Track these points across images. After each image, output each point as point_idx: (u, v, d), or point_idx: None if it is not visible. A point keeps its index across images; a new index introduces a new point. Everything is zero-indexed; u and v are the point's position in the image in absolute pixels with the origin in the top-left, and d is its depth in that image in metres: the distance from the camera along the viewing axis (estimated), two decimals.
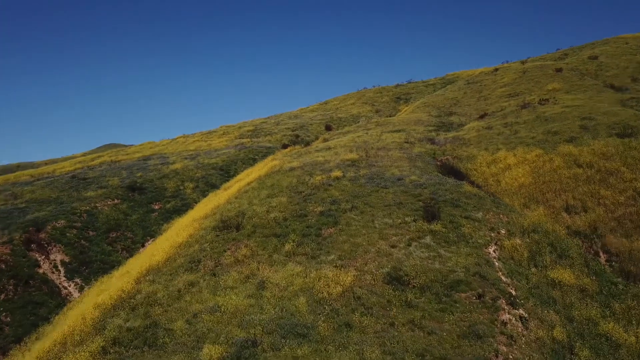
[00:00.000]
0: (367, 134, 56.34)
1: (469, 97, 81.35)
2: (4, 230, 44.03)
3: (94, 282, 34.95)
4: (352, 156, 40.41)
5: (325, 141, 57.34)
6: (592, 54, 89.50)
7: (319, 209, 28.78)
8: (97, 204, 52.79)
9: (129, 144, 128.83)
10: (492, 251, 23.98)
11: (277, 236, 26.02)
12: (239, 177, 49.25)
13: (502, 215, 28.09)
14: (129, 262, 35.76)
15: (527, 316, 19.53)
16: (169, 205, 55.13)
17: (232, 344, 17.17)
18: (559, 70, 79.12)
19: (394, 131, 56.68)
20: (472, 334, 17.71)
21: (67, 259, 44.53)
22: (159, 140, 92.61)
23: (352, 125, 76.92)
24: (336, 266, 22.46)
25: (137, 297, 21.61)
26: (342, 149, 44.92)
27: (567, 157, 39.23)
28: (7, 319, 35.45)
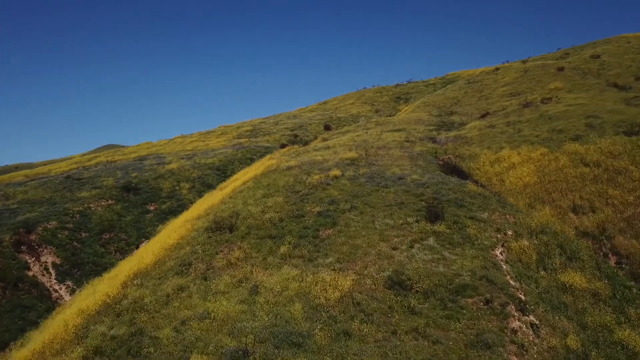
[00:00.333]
0: (366, 133, 55.25)
1: (470, 96, 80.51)
2: None
3: (85, 284, 33.84)
4: (351, 155, 39.19)
5: (324, 141, 56.21)
6: (594, 53, 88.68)
7: (317, 209, 27.52)
8: (91, 205, 51.69)
9: (128, 145, 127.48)
10: (499, 253, 22.70)
11: (272, 238, 24.72)
12: (235, 176, 48.03)
13: (508, 215, 26.81)
14: (120, 264, 34.53)
15: (538, 323, 18.24)
16: (164, 206, 54.03)
17: (221, 354, 15.94)
18: (560, 69, 78.34)
19: (394, 130, 55.57)
20: (481, 343, 16.43)
21: (58, 261, 43.44)
22: (157, 140, 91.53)
23: (351, 125, 75.82)
24: (334, 269, 21.18)
25: (123, 302, 20.35)
26: (341, 148, 43.71)
27: (573, 156, 38.12)
28: None
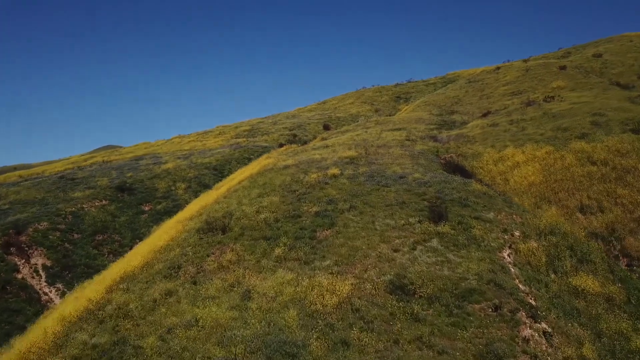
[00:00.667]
0: (366, 132, 54.07)
1: (471, 95, 79.41)
2: None
3: (77, 287, 32.61)
4: (350, 153, 37.95)
5: (323, 140, 55.01)
6: (597, 52, 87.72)
7: (314, 209, 26.26)
8: (84, 205, 50.44)
9: (127, 146, 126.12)
10: (506, 255, 21.44)
11: (266, 239, 23.45)
12: (231, 176, 46.79)
13: (515, 215, 25.55)
14: (111, 267, 33.32)
15: (550, 331, 16.97)
16: (159, 206, 52.74)
17: None
18: (562, 68, 77.31)
19: (394, 129, 54.39)
20: (491, 353, 15.16)
21: (48, 263, 42.20)
22: (155, 141, 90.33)
23: (351, 124, 74.59)
24: (332, 273, 19.92)
25: (107, 308, 19.09)
26: (340, 147, 42.49)
27: (580, 154, 36.95)
28: None
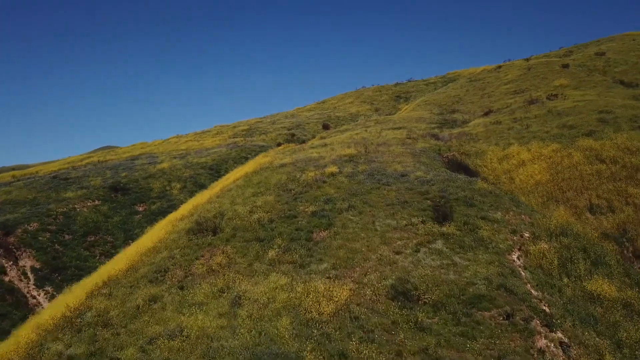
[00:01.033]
0: (366, 131, 52.72)
1: (472, 94, 78.21)
2: None
3: (66, 290, 31.25)
4: (349, 151, 36.53)
5: (322, 139, 53.63)
6: (599, 50, 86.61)
7: (311, 208, 24.85)
8: (76, 206, 49.07)
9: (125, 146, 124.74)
10: (516, 258, 20.03)
11: (260, 241, 22.02)
12: (227, 175, 45.43)
13: (523, 215, 24.13)
14: (100, 269, 31.94)
15: (567, 341, 15.54)
16: (154, 206, 51.36)
17: None
18: (565, 66, 76.17)
19: (394, 128, 53.05)
20: None
21: (37, 265, 40.84)
22: (152, 140, 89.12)
23: (350, 124, 73.25)
24: (329, 277, 18.50)
25: (87, 315, 17.70)
26: (339, 145, 41.10)
27: (588, 152, 35.57)
28: None
